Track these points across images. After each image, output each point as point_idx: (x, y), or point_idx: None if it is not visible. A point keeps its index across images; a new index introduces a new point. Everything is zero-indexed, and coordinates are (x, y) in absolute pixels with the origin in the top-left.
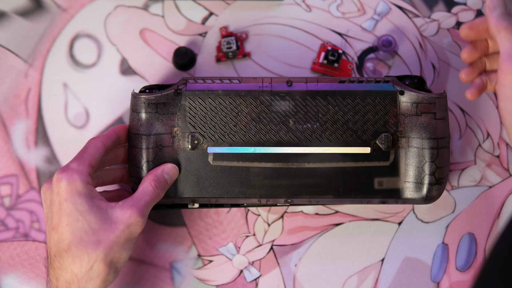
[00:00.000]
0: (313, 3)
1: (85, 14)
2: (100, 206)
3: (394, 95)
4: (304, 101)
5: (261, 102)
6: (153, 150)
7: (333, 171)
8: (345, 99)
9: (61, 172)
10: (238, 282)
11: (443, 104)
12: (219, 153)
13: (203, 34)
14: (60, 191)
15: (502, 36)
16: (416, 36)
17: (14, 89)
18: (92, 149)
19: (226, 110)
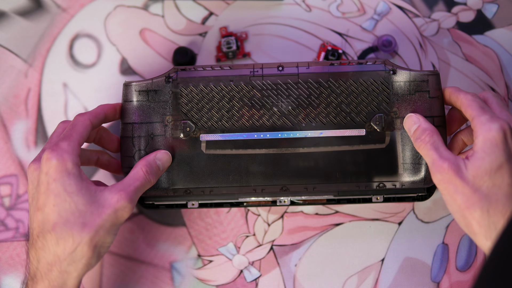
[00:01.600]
0: (313, 3)
1: (85, 14)
2: (89, 188)
3: (386, 75)
4: (296, 85)
5: (253, 87)
6: (145, 139)
7: (328, 155)
8: (337, 81)
9: (51, 151)
10: (238, 282)
11: (436, 82)
12: (212, 141)
13: (203, 34)
14: (50, 171)
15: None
16: (416, 36)
17: (14, 89)
18: (80, 127)
19: (218, 96)
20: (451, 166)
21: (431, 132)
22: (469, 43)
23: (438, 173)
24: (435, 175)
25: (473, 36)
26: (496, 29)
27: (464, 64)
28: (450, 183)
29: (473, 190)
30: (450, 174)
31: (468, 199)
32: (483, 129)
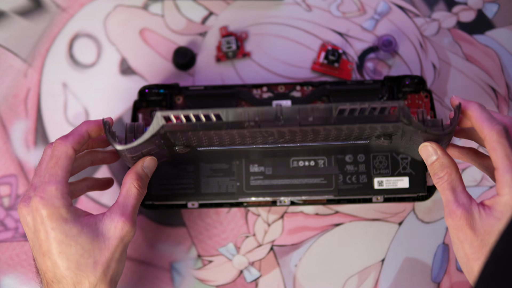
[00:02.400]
0: (313, 3)
1: (84, 14)
2: (89, 223)
3: (399, 125)
4: (295, 133)
5: (248, 134)
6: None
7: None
8: (342, 129)
9: (41, 200)
10: (238, 283)
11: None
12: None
13: (203, 34)
14: (44, 221)
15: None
16: (416, 35)
17: (14, 89)
18: (64, 160)
19: (210, 139)
20: (464, 214)
21: (450, 170)
22: (470, 43)
23: (450, 217)
24: (447, 218)
25: (474, 36)
26: (496, 28)
27: (465, 64)
28: (461, 231)
29: (482, 244)
30: (462, 222)
31: (476, 251)
32: (507, 191)
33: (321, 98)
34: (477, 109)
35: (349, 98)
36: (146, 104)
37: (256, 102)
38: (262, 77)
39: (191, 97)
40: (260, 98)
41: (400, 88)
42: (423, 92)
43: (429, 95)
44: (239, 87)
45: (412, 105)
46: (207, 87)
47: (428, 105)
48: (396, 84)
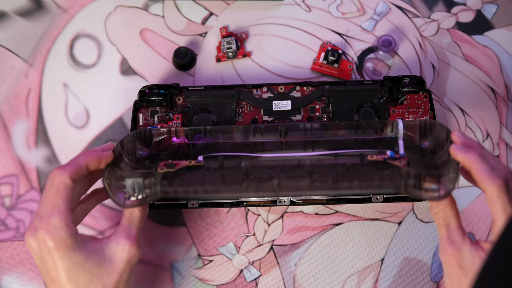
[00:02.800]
0: (313, 3)
1: (85, 14)
2: (95, 249)
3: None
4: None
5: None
6: None
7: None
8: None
9: (47, 232)
10: (238, 282)
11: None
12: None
13: (203, 34)
14: (51, 252)
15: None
16: (415, 36)
17: (15, 89)
18: (63, 190)
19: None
20: (454, 253)
21: (445, 206)
22: (469, 43)
23: (441, 253)
24: (440, 253)
25: (473, 36)
26: (495, 29)
27: (464, 65)
28: (450, 267)
29: (469, 283)
30: (452, 260)
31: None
32: None
33: (320, 98)
34: (476, 161)
35: (349, 98)
36: (146, 104)
37: (256, 102)
38: (262, 77)
39: (191, 97)
40: (260, 98)
41: (400, 88)
42: (422, 92)
43: (428, 95)
44: (239, 87)
45: (411, 105)
46: (207, 87)
47: (428, 105)
48: (395, 84)
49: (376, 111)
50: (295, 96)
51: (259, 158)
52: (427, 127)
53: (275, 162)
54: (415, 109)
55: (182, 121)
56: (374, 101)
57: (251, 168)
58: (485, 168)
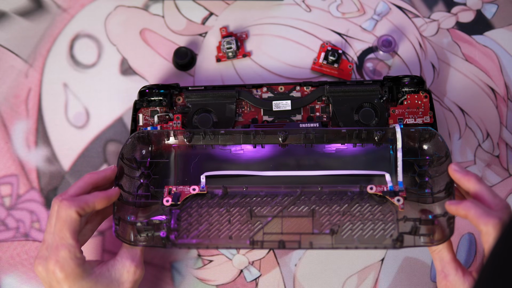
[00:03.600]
0: (313, 3)
1: (85, 14)
2: (102, 273)
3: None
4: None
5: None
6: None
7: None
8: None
9: (56, 263)
10: (238, 282)
11: None
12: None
13: (203, 34)
14: (60, 281)
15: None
16: (416, 36)
17: (15, 89)
18: (70, 224)
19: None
20: (448, 286)
21: (441, 245)
22: (469, 43)
23: (438, 284)
24: (437, 283)
25: (473, 36)
26: (495, 29)
27: (464, 65)
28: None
29: None
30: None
31: None
32: None
33: (320, 98)
34: (470, 208)
35: (349, 98)
36: (146, 104)
37: (256, 102)
38: (262, 77)
39: (191, 97)
40: (260, 98)
41: (400, 88)
42: (422, 92)
43: (428, 95)
44: (239, 87)
45: (411, 105)
46: (207, 87)
47: (428, 105)
48: (395, 84)
49: (376, 111)
50: (295, 96)
51: (261, 177)
52: (427, 136)
53: (278, 189)
54: (415, 109)
55: (182, 121)
56: (374, 101)
57: (254, 210)
58: (479, 212)
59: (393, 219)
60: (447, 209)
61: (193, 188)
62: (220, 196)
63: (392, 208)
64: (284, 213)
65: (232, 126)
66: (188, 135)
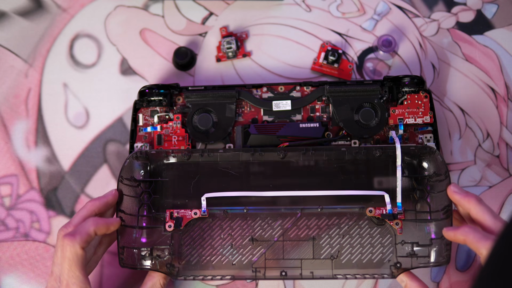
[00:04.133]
0: (313, 3)
1: (85, 14)
2: None
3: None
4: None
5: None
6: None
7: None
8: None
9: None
10: (238, 282)
11: None
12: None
13: (203, 34)
14: None
15: None
16: (416, 36)
17: (14, 89)
18: (77, 261)
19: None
20: None
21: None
22: (469, 43)
23: None
24: None
25: (473, 36)
26: (495, 29)
27: (464, 64)
28: None
29: None
30: None
31: None
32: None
33: (320, 98)
34: (468, 233)
35: (349, 98)
36: (146, 104)
37: (256, 102)
38: (262, 77)
39: (191, 97)
40: (260, 98)
41: (400, 88)
42: (422, 92)
43: (428, 95)
44: (239, 87)
45: (411, 105)
46: (207, 87)
47: (428, 105)
48: (395, 84)
49: (376, 111)
50: (295, 96)
51: (261, 198)
52: (426, 154)
53: (278, 210)
54: (415, 109)
55: (182, 121)
56: (374, 101)
57: (256, 235)
58: (477, 237)
59: (392, 243)
60: (445, 235)
61: (194, 212)
62: (222, 219)
63: (391, 230)
64: (285, 237)
65: (232, 126)
66: (186, 154)
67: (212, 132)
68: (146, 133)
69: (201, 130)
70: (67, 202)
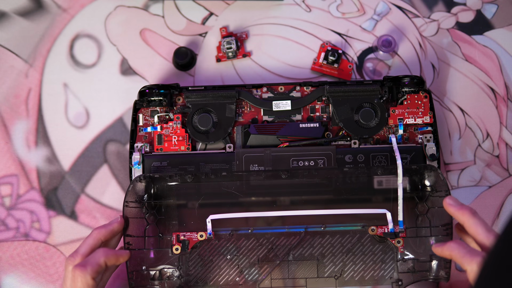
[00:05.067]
0: (313, 3)
1: (85, 14)
2: None
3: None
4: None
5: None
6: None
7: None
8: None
9: None
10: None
11: None
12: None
13: (203, 34)
14: None
15: None
16: (415, 36)
17: (15, 89)
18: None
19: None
20: None
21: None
22: (469, 43)
23: None
24: None
25: (473, 36)
26: (495, 29)
27: (464, 65)
28: None
29: None
30: None
31: None
32: None
33: (320, 98)
34: (453, 248)
35: (349, 99)
36: (146, 104)
37: (256, 102)
38: (262, 77)
39: (191, 97)
40: (260, 98)
41: (400, 88)
42: (422, 92)
43: (428, 95)
44: (239, 87)
45: (411, 105)
46: (207, 87)
47: (428, 105)
48: (395, 84)
49: (376, 111)
50: (295, 96)
51: (264, 218)
52: (427, 170)
53: (282, 229)
54: (415, 109)
55: (182, 121)
56: (374, 101)
57: (261, 255)
58: (462, 252)
59: (393, 259)
60: (434, 251)
61: (200, 234)
62: (227, 240)
63: (392, 247)
64: (289, 257)
65: (232, 126)
66: (190, 177)
67: (212, 132)
68: (146, 133)
69: (201, 130)
70: (67, 202)
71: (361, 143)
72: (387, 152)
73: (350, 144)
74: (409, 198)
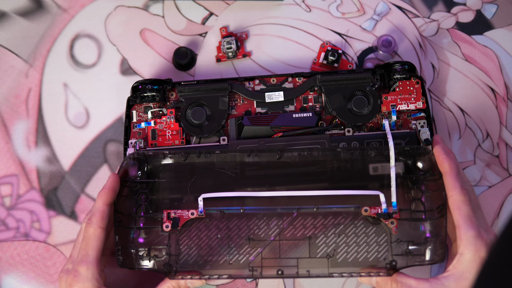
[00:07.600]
0: (313, 3)
1: (85, 14)
2: None
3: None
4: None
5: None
6: None
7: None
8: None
9: (74, 277)
10: (238, 282)
11: None
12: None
13: (203, 34)
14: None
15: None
16: (415, 36)
17: (15, 89)
18: (94, 241)
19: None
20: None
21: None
22: (469, 43)
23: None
24: None
25: (473, 36)
26: (495, 29)
27: (464, 65)
28: None
29: None
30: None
31: None
32: (469, 248)
33: (313, 88)
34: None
35: (341, 87)
36: (139, 100)
37: (248, 94)
38: None
39: (184, 92)
40: (252, 90)
41: (391, 75)
42: (414, 78)
43: (420, 81)
44: (231, 80)
45: (403, 92)
46: (200, 81)
47: (420, 91)
48: (387, 71)
49: (369, 99)
50: (287, 87)
51: (257, 198)
52: (420, 152)
53: (274, 209)
54: (408, 95)
55: (176, 115)
56: (366, 89)
57: (252, 235)
58: (451, 179)
59: (387, 241)
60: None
61: (191, 212)
62: (218, 219)
63: (386, 229)
64: (281, 236)
65: (225, 118)
66: (183, 155)
67: (206, 125)
68: (140, 129)
69: (195, 124)
70: (67, 202)
71: (355, 131)
72: (381, 138)
73: (344, 133)
74: (403, 183)
